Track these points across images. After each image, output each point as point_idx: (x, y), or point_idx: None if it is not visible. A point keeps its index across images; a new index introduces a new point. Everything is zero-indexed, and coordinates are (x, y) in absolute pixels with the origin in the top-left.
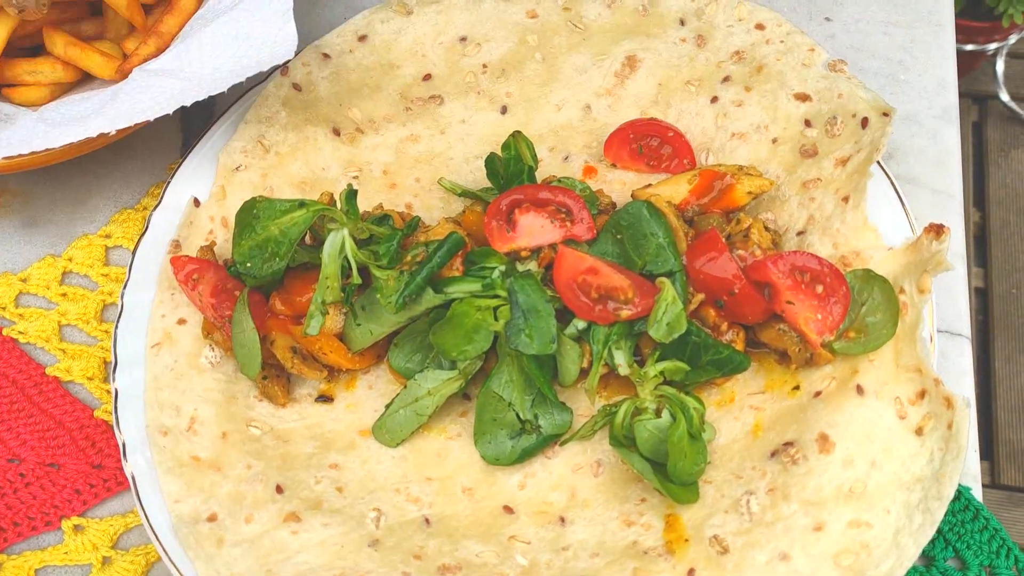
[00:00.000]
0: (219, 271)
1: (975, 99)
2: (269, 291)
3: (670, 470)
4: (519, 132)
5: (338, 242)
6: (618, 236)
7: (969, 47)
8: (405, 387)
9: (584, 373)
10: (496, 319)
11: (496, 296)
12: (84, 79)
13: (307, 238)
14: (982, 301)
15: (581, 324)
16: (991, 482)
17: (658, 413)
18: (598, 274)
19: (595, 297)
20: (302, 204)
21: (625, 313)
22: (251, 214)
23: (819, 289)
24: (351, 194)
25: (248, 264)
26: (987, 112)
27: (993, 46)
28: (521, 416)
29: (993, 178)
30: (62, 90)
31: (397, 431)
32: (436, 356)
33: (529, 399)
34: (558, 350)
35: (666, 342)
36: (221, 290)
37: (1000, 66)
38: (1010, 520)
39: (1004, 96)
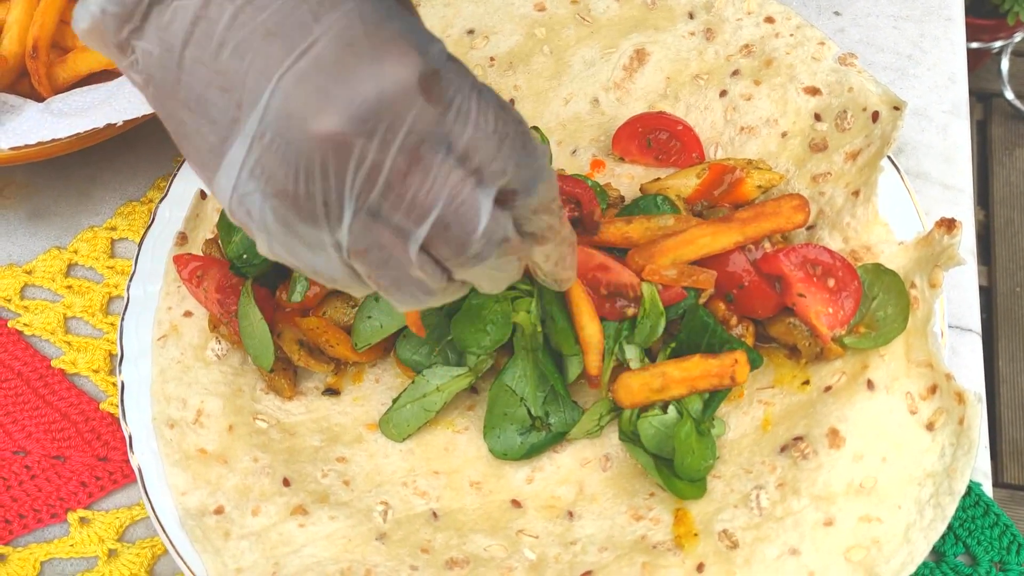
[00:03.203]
0: (223, 267)
1: (979, 97)
2: (275, 284)
3: (677, 466)
4: (535, 127)
5: None
6: None
7: (974, 45)
8: (413, 382)
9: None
10: (515, 311)
11: (513, 287)
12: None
13: None
14: (985, 299)
15: None
16: (994, 481)
17: (665, 409)
18: (608, 271)
19: (604, 294)
20: None
21: (631, 311)
22: None
23: (831, 283)
24: None
25: (244, 256)
26: (991, 110)
27: (998, 44)
28: (533, 412)
29: (997, 176)
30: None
31: (404, 426)
32: (444, 350)
33: (542, 396)
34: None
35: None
36: (226, 285)
37: (1005, 64)
38: (1014, 519)
39: (1009, 94)
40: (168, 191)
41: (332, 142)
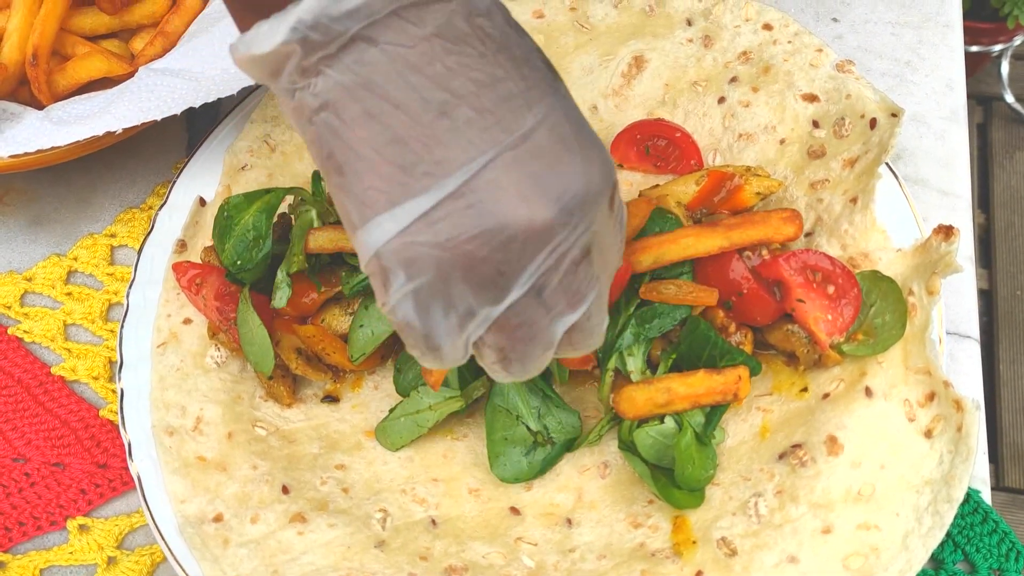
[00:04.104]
0: (222, 274)
1: (979, 100)
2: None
3: (677, 476)
4: None
5: (306, 221)
6: None
7: (974, 48)
8: (408, 395)
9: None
10: None
11: None
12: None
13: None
14: (986, 303)
15: None
16: (995, 484)
17: (662, 418)
18: None
19: None
20: (268, 191)
21: None
22: (224, 217)
23: (830, 290)
24: (316, 175)
25: (238, 262)
26: (992, 114)
27: (998, 47)
28: (532, 428)
29: (998, 180)
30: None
31: (397, 437)
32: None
33: (535, 408)
34: None
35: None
36: (224, 293)
37: (1005, 68)
38: (1014, 522)
39: (1009, 98)
40: (167, 198)
41: (538, 226)
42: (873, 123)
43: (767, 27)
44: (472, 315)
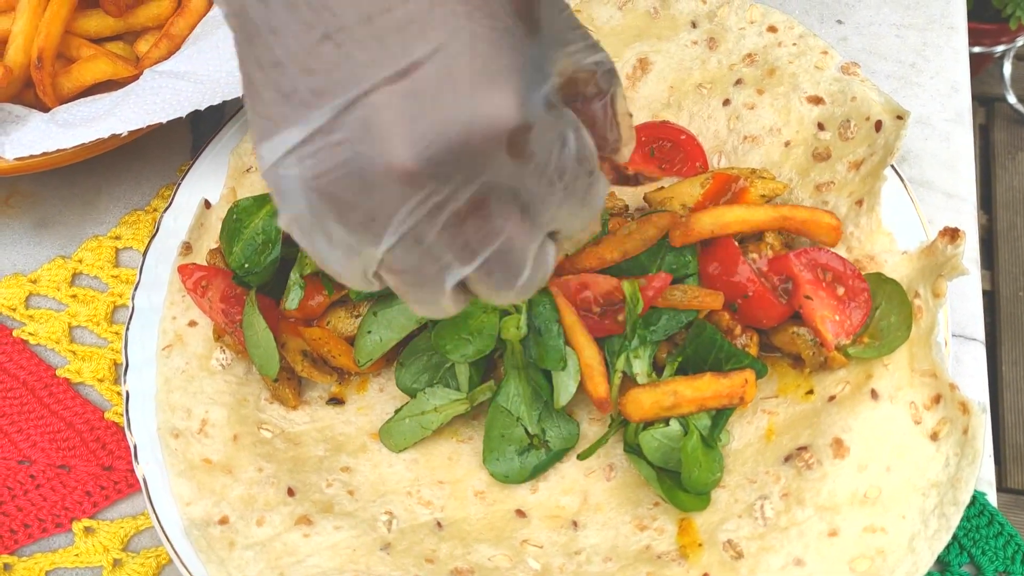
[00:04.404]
0: (227, 276)
1: (982, 101)
2: (279, 294)
3: (684, 480)
4: None
5: None
6: None
7: (976, 49)
8: (415, 396)
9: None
10: (503, 328)
11: None
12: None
13: None
14: (989, 304)
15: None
16: (998, 486)
17: (667, 421)
18: (589, 286)
19: (598, 311)
20: None
21: (622, 317)
22: (233, 220)
23: (840, 291)
24: None
25: (246, 265)
26: (994, 114)
27: (1000, 48)
28: (529, 430)
29: (1000, 180)
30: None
31: (401, 439)
32: (444, 375)
33: (536, 413)
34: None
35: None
36: (230, 295)
37: (1007, 68)
38: (1018, 524)
39: (1011, 98)
40: (172, 201)
41: (404, 175)
42: (878, 125)
43: (772, 29)
44: (355, 252)
